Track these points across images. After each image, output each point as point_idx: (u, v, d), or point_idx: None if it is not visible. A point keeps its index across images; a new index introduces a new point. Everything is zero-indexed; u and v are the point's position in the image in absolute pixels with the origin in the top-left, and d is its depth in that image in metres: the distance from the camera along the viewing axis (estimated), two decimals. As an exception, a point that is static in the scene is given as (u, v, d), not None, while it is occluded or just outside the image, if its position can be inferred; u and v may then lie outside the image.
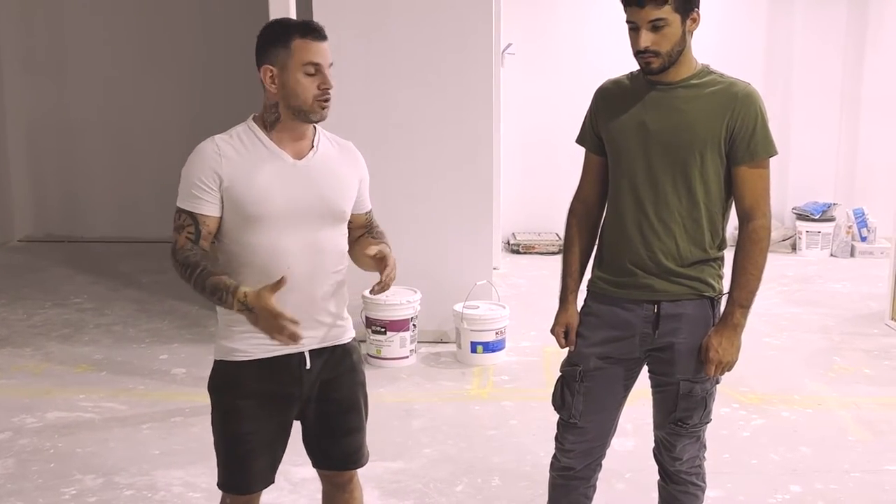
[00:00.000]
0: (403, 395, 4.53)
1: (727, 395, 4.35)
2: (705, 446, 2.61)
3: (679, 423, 2.49)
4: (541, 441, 3.76)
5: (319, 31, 2.22)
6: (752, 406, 4.35)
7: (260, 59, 2.22)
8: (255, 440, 2.30)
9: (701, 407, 2.48)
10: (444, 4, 5.06)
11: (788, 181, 8.29)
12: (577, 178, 2.60)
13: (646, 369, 2.56)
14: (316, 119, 2.23)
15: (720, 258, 2.47)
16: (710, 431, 2.63)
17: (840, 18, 8.30)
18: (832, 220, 8.06)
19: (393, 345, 4.91)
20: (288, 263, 2.20)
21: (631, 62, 2.37)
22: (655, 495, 2.72)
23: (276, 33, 2.22)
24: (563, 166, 7.50)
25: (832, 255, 8.04)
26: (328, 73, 2.20)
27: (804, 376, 4.83)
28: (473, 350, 4.98)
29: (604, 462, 2.65)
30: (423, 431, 4.06)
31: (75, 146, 8.67)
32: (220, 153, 2.19)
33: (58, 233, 8.75)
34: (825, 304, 6.34)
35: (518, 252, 8.09)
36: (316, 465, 2.48)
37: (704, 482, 2.65)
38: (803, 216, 8.13)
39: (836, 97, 8.44)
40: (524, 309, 5.80)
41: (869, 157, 8.47)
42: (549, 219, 8.20)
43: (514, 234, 8.34)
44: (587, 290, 2.57)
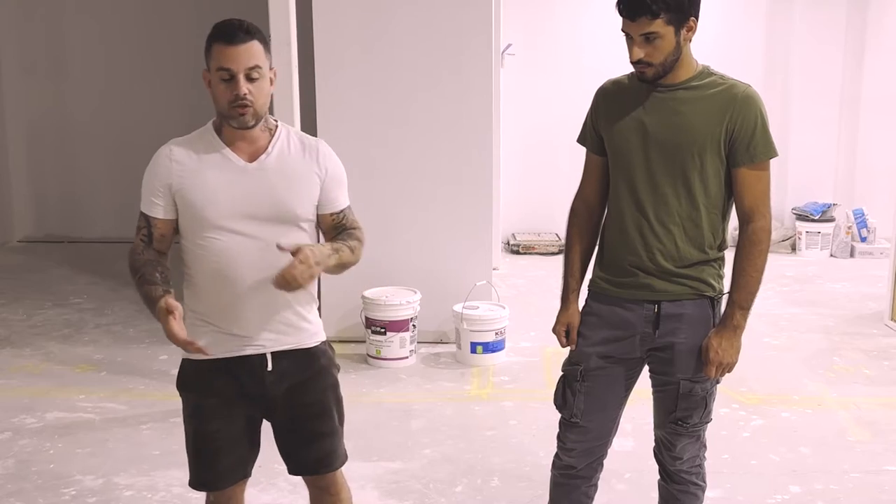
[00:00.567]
0: (403, 396, 4.53)
1: (727, 395, 4.35)
2: (705, 446, 2.61)
3: (679, 423, 2.49)
4: (541, 441, 3.77)
5: (233, 34, 2.15)
6: (751, 406, 4.35)
7: None
8: (221, 438, 2.32)
9: (701, 406, 2.48)
10: (444, 5, 5.06)
11: (788, 182, 8.30)
12: (576, 178, 2.60)
13: (646, 369, 2.56)
14: (237, 125, 2.20)
15: (720, 258, 2.47)
16: (710, 431, 2.63)
17: (839, 19, 8.30)
18: (832, 220, 8.06)
19: (393, 345, 4.91)
20: (240, 265, 2.21)
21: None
22: (655, 495, 2.72)
23: (208, 36, 2.21)
24: (562, 167, 7.54)
25: (832, 255, 8.05)
26: (240, 79, 2.14)
27: (804, 377, 4.83)
28: (473, 350, 4.98)
29: (604, 461, 2.66)
30: (422, 432, 4.06)
31: (75, 147, 8.67)
32: (171, 159, 2.25)
33: (57, 233, 8.75)
34: (825, 305, 6.34)
35: (518, 252, 8.09)
36: (291, 472, 2.46)
37: (704, 482, 2.65)
38: (803, 216, 8.13)
39: (836, 97, 8.44)
40: (524, 309, 5.80)
41: (868, 157, 8.47)
42: (548, 219, 8.20)
43: (513, 234, 8.34)
44: (588, 290, 2.58)
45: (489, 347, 4.98)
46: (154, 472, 3.64)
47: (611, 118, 2.44)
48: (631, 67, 2.39)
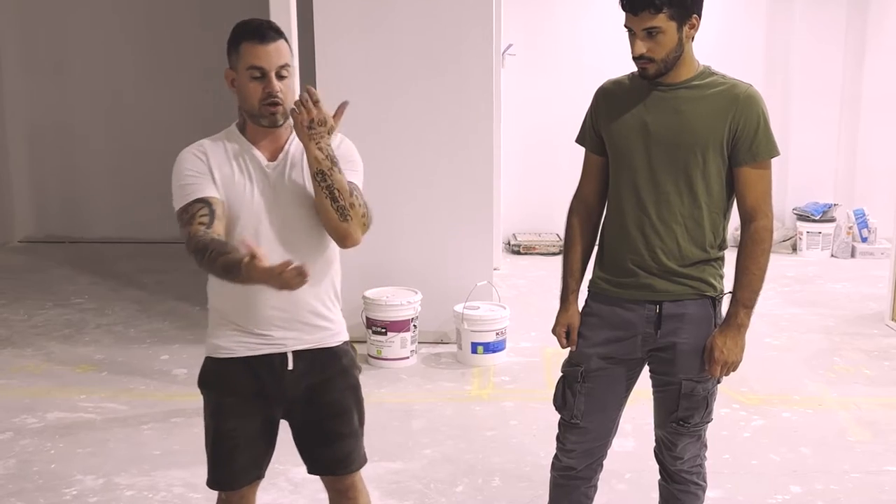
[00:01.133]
0: (404, 396, 4.53)
1: (728, 395, 4.35)
2: (706, 446, 2.61)
3: (680, 423, 2.49)
4: (541, 442, 3.77)
5: (263, 33, 2.19)
6: (752, 407, 4.35)
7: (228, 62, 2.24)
8: (239, 436, 2.31)
9: (702, 406, 2.49)
10: (445, 5, 5.07)
11: (789, 182, 8.30)
12: (577, 178, 2.60)
13: (646, 369, 2.56)
14: (266, 124, 2.22)
15: (721, 258, 2.48)
16: (711, 432, 2.63)
17: (840, 18, 8.30)
18: (832, 220, 8.06)
19: (393, 345, 4.92)
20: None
21: (631, 63, 2.37)
22: (656, 495, 2.72)
23: (231, 37, 2.24)
24: (563, 167, 7.52)
25: (833, 255, 8.04)
26: (272, 78, 2.17)
27: (804, 377, 4.83)
28: (474, 351, 4.98)
29: (604, 462, 2.66)
30: (423, 432, 4.06)
31: (76, 147, 8.68)
32: (202, 151, 2.25)
33: (58, 233, 8.75)
34: (825, 305, 6.34)
35: (518, 253, 8.09)
36: (310, 471, 2.47)
37: (705, 482, 2.65)
38: (804, 217, 8.13)
39: (837, 97, 8.44)
40: (524, 309, 5.81)
41: (869, 157, 8.47)
42: (549, 219, 8.20)
43: (514, 234, 8.34)
44: (588, 291, 2.58)
45: (490, 348, 4.98)
46: (155, 472, 3.64)
47: (612, 118, 2.44)
48: (632, 67, 2.40)
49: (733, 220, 2.45)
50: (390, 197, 5.16)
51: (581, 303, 2.59)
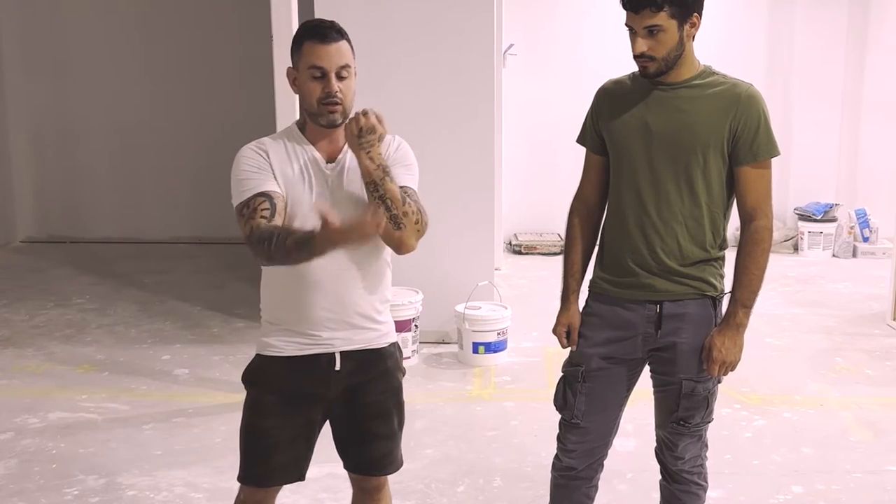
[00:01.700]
0: (405, 396, 4.52)
1: (729, 395, 4.35)
2: (707, 446, 2.61)
3: (681, 423, 2.49)
4: (542, 442, 3.76)
5: (325, 33, 2.19)
6: (753, 407, 4.35)
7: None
8: (277, 435, 2.31)
9: (703, 406, 2.49)
10: (446, 5, 5.07)
11: (790, 182, 8.29)
12: (578, 178, 2.60)
13: (646, 369, 2.56)
14: (324, 123, 2.22)
15: (721, 258, 2.48)
16: (712, 432, 2.63)
17: (841, 18, 8.29)
18: (834, 220, 8.06)
19: (394, 345, 4.91)
20: (315, 262, 2.18)
21: (632, 63, 2.37)
22: (657, 495, 2.72)
23: (295, 36, 2.24)
24: (564, 167, 7.51)
25: (834, 255, 8.04)
26: (332, 77, 2.18)
27: (806, 377, 4.83)
28: (475, 351, 4.98)
29: (605, 462, 2.66)
30: (424, 432, 4.06)
31: (77, 147, 8.68)
32: (262, 149, 2.25)
33: (60, 234, 8.76)
34: (827, 305, 6.34)
35: (520, 253, 8.09)
36: (346, 468, 2.47)
37: (706, 482, 2.65)
38: (805, 216, 8.13)
39: (838, 97, 8.43)
40: (526, 309, 5.80)
41: (871, 157, 8.46)
42: (550, 219, 8.20)
43: (515, 234, 8.34)
44: (588, 291, 2.58)
45: (491, 348, 4.98)
46: (156, 472, 3.64)
47: (613, 117, 2.45)
48: (633, 67, 2.40)
49: (733, 220, 2.45)
50: (391, 197, 5.15)
51: (582, 303, 2.59)
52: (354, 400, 2.34)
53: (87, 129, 8.63)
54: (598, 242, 2.58)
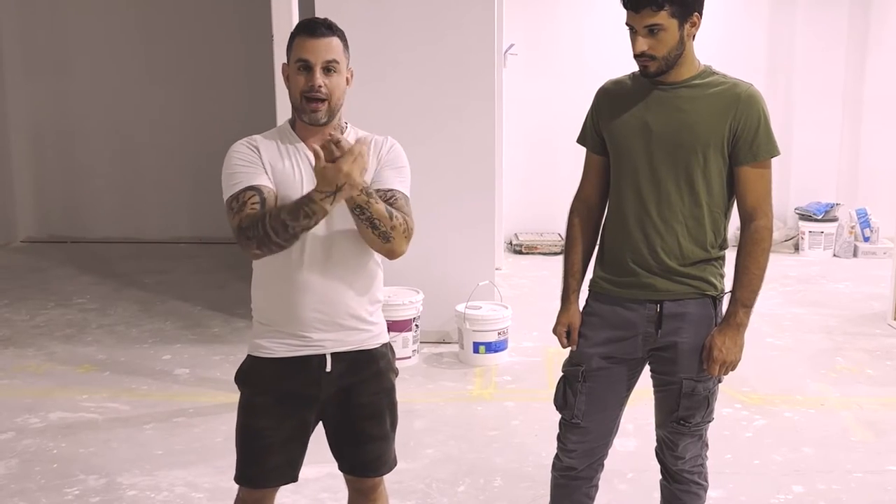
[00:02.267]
0: (405, 396, 4.49)
1: (730, 395, 4.35)
2: (707, 445, 2.61)
3: (681, 422, 2.49)
4: (543, 441, 3.76)
5: (314, 28, 2.19)
6: (754, 406, 4.35)
7: None
8: (271, 436, 2.30)
9: (703, 406, 2.48)
10: (446, 5, 5.07)
11: (791, 181, 8.29)
12: (578, 178, 2.60)
13: (646, 368, 2.56)
14: (307, 120, 2.22)
15: (721, 258, 2.48)
16: (713, 431, 2.63)
17: (842, 18, 8.29)
18: (835, 220, 8.06)
19: (395, 345, 4.90)
20: (304, 262, 2.21)
21: (633, 63, 2.37)
22: (657, 495, 2.72)
23: (290, 34, 2.24)
24: (565, 167, 7.50)
25: (835, 255, 8.04)
26: (317, 71, 2.16)
27: (807, 377, 4.82)
28: (476, 350, 4.98)
29: (606, 462, 2.66)
30: (425, 432, 4.06)
31: (78, 147, 8.69)
32: (253, 145, 2.25)
33: (60, 233, 8.76)
34: (828, 305, 6.33)
35: (520, 252, 8.09)
36: (340, 469, 2.46)
37: (707, 481, 2.65)
38: (806, 216, 8.13)
39: (839, 97, 8.43)
40: (526, 309, 5.80)
41: (871, 157, 8.46)
42: (551, 219, 8.20)
43: (516, 234, 8.34)
44: (588, 290, 2.58)
45: (492, 347, 4.98)
46: (157, 472, 3.64)
47: (613, 117, 2.45)
48: (633, 66, 2.40)
49: (734, 220, 2.45)
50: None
51: (582, 302, 2.59)
52: (347, 401, 2.33)
53: (87, 129, 8.63)
54: (598, 242, 2.58)
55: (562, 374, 2.59)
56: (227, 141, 2.32)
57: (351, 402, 2.34)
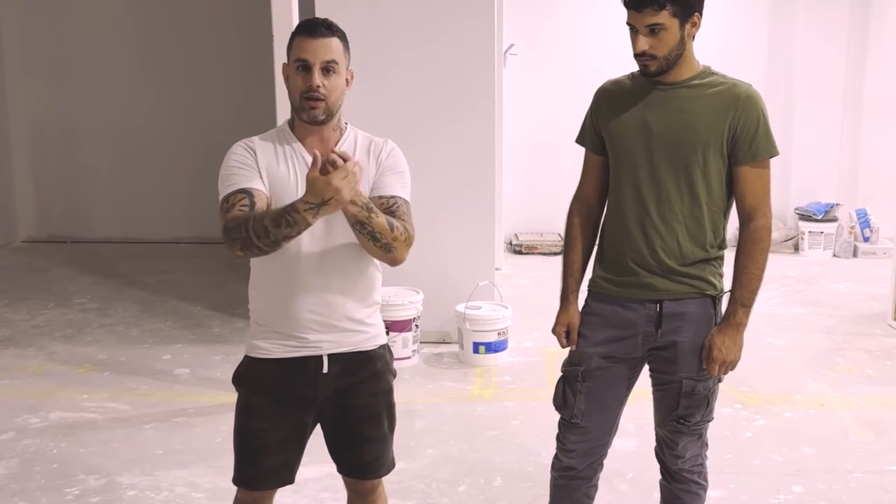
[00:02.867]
0: (405, 396, 4.53)
1: (730, 395, 4.35)
2: (707, 445, 2.61)
3: (681, 421, 2.49)
4: (543, 441, 3.76)
5: (314, 28, 2.19)
6: (754, 406, 4.35)
7: None
8: (267, 437, 2.30)
9: (703, 405, 2.49)
10: (446, 6, 5.07)
11: (791, 181, 8.29)
12: (578, 178, 2.60)
13: (646, 368, 2.56)
14: (305, 119, 2.21)
15: (720, 257, 2.48)
16: (713, 431, 2.63)
17: (842, 18, 8.29)
18: (835, 220, 8.06)
19: (395, 345, 4.91)
20: (301, 264, 2.21)
21: (633, 63, 2.37)
22: (658, 495, 2.72)
23: (291, 34, 2.24)
24: (565, 167, 7.53)
25: (835, 255, 8.04)
26: (315, 71, 2.16)
27: (807, 377, 4.83)
28: (476, 350, 4.98)
29: (606, 462, 2.66)
30: (425, 432, 4.06)
31: (78, 147, 8.69)
32: (251, 147, 2.25)
33: (61, 233, 8.76)
34: (828, 305, 6.34)
35: (520, 252, 8.09)
36: (339, 471, 2.46)
37: (706, 481, 2.65)
38: (806, 216, 8.13)
39: (839, 97, 8.43)
40: (526, 309, 5.80)
41: (871, 157, 8.46)
42: (551, 219, 8.20)
43: (516, 234, 8.34)
44: (588, 290, 2.58)
45: (492, 347, 4.98)
46: (157, 472, 3.65)
47: (612, 117, 2.45)
48: (634, 66, 2.40)
49: (733, 221, 2.45)
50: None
51: (581, 302, 2.59)
52: (344, 403, 2.33)
53: (87, 130, 8.64)
54: (597, 242, 2.58)
55: (561, 373, 2.59)
56: (227, 141, 2.32)
57: (348, 403, 2.33)
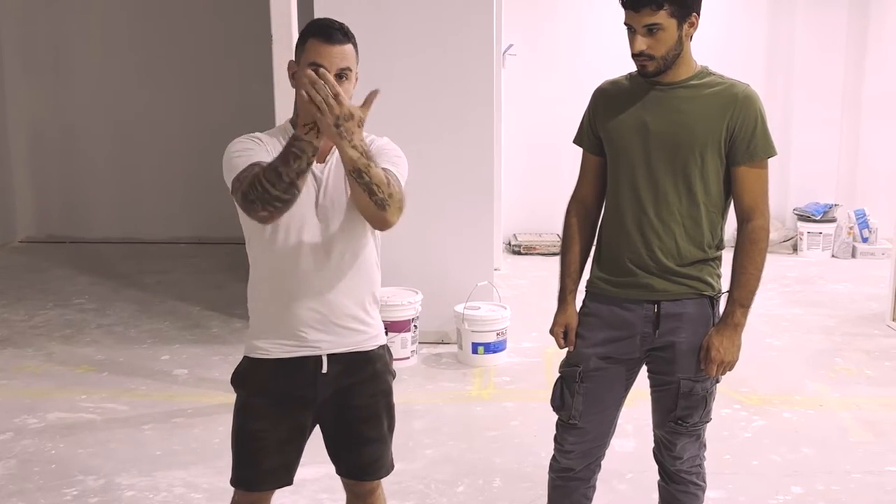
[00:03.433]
0: (404, 396, 4.52)
1: (728, 395, 4.35)
2: (705, 446, 2.61)
3: (679, 422, 2.49)
4: (542, 442, 3.76)
5: (331, 33, 2.17)
6: (753, 407, 4.35)
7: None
8: (266, 438, 2.29)
9: (701, 406, 2.49)
10: (445, 5, 5.07)
11: (789, 182, 8.30)
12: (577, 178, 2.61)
13: (643, 368, 2.56)
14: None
15: (718, 258, 2.48)
16: (711, 432, 2.63)
17: (841, 18, 8.29)
18: (833, 220, 8.06)
19: (394, 346, 4.91)
20: (301, 262, 2.20)
21: (631, 63, 2.37)
22: (656, 496, 2.71)
23: (302, 32, 2.23)
24: (564, 167, 7.48)
25: (833, 255, 8.04)
26: (330, 78, 2.14)
27: (805, 377, 4.83)
28: (474, 351, 4.98)
29: (605, 463, 2.66)
30: (424, 432, 4.06)
31: (77, 147, 8.68)
32: (257, 137, 2.23)
33: (59, 234, 8.76)
34: (826, 305, 6.34)
35: (519, 253, 8.09)
36: (338, 473, 2.45)
37: (705, 482, 2.65)
38: (804, 217, 8.13)
39: (838, 97, 8.43)
40: (525, 310, 5.80)
41: (870, 157, 8.46)
42: (550, 219, 8.18)
43: (515, 234, 8.34)
44: (586, 291, 2.57)
45: (490, 348, 4.98)
46: (156, 473, 3.64)
47: (610, 118, 2.45)
48: (632, 66, 2.40)
49: (731, 221, 2.45)
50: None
51: (579, 303, 2.59)
52: (343, 403, 2.32)
53: (86, 129, 8.63)
54: (595, 242, 2.58)
55: (559, 374, 2.59)
56: (226, 141, 2.31)
57: (347, 404, 2.32)
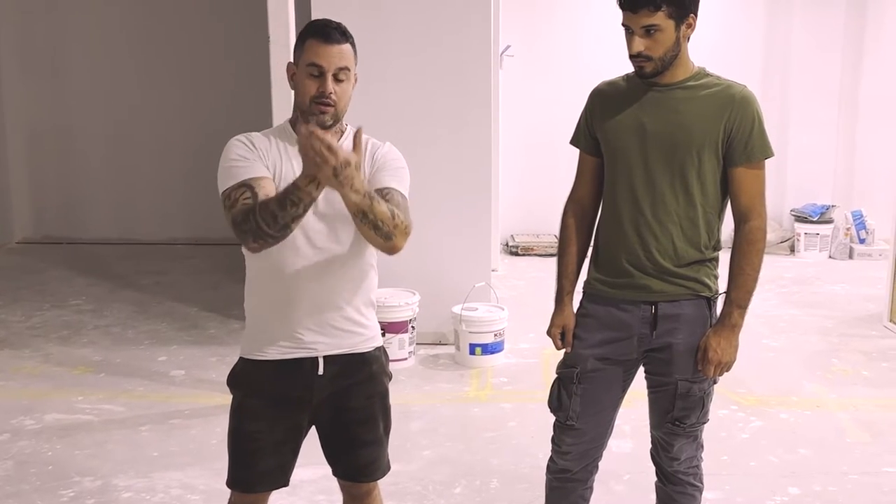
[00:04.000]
0: (402, 397, 4.51)
1: (726, 396, 4.35)
2: (703, 447, 2.61)
3: (676, 423, 2.49)
4: (539, 443, 3.75)
5: (329, 33, 2.19)
6: (750, 408, 4.35)
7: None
8: (263, 439, 2.29)
9: (698, 407, 2.49)
10: (443, 6, 5.06)
11: (787, 183, 8.30)
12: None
13: (641, 369, 2.56)
14: (313, 122, 2.20)
15: (715, 258, 2.48)
16: (709, 433, 2.63)
17: (838, 19, 8.30)
18: (830, 221, 8.06)
19: (391, 346, 4.91)
20: (297, 264, 2.20)
21: (629, 64, 2.37)
22: (654, 497, 2.71)
23: (301, 32, 2.24)
24: (561, 168, 7.48)
25: (830, 256, 8.05)
26: (329, 78, 2.17)
27: (803, 378, 4.83)
28: (472, 352, 4.97)
29: (602, 464, 2.66)
30: (421, 433, 4.06)
31: (74, 148, 8.67)
32: (250, 141, 2.23)
33: (56, 234, 8.74)
34: (823, 306, 6.34)
35: (516, 254, 8.09)
36: (334, 474, 2.45)
37: (702, 483, 2.65)
38: (801, 218, 8.13)
39: (835, 98, 8.43)
40: (523, 311, 5.79)
41: (867, 158, 8.46)
42: (547, 220, 8.18)
43: (512, 235, 8.34)
44: (583, 292, 2.57)
45: (488, 349, 4.98)
46: (153, 474, 3.64)
47: (607, 118, 2.45)
48: (629, 67, 2.40)
49: (728, 221, 2.45)
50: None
51: (577, 304, 2.58)
52: (339, 405, 2.32)
53: (83, 130, 8.61)
54: (592, 243, 2.58)
55: (556, 375, 2.59)
56: (223, 142, 2.31)
57: (344, 406, 2.32)
